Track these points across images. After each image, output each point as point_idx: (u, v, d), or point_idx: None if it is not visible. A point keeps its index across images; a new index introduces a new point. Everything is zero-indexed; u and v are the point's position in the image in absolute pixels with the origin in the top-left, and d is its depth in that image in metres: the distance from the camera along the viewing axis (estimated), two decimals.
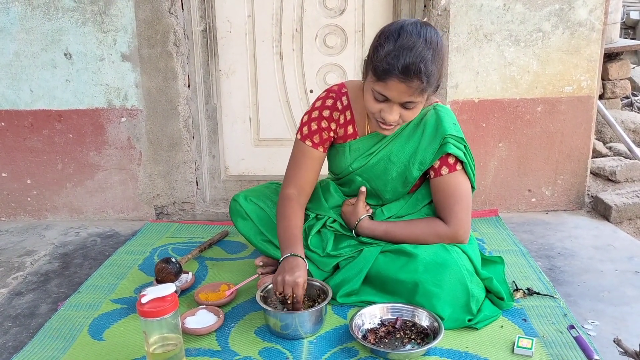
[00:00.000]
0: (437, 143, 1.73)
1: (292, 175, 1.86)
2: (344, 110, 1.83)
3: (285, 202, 1.83)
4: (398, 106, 1.62)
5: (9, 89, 2.55)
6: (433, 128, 1.75)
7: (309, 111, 1.86)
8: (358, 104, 1.82)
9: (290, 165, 1.88)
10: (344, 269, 1.81)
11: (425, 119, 1.77)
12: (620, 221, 2.54)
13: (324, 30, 2.64)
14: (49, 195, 2.68)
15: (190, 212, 2.69)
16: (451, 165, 1.74)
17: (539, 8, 2.42)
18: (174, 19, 2.46)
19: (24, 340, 1.71)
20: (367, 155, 1.83)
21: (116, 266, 2.16)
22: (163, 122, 2.57)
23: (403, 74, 1.53)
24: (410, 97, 1.58)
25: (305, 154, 1.85)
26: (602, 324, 1.72)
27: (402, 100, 1.60)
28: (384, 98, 1.61)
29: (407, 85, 1.55)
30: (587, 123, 2.55)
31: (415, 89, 1.56)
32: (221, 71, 2.67)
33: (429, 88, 1.59)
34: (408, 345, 1.57)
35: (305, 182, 1.86)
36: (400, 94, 1.57)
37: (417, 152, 1.76)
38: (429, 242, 1.75)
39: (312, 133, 1.83)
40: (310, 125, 1.84)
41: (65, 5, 2.45)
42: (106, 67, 2.51)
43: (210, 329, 1.66)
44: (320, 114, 1.83)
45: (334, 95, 1.84)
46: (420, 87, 1.56)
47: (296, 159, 1.87)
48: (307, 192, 1.87)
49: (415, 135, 1.78)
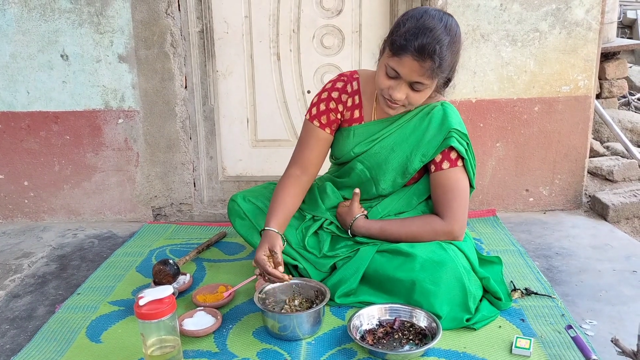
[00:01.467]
0: (441, 136, 1.75)
1: (297, 154, 1.89)
2: (352, 94, 1.85)
3: (283, 180, 1.86)
4: (407, 85, 1.64)
5: (6, 90, 2.55)
6: (439, 122, 1.77)
7: (319, 92, 1.89)
8: (367, 90, 1.85)
9: (297, 145, 1.91)
10: (341, 269, 1.81)
11: (432, 113, 1.79)
12: (617, 220, 2.55)
13: (321, 31, 2.64)
14: (46, 197, 2.68)
15: (188, 213, 2.69)
16: (453, 160, 1.76)
17: (536, 8, 2.42)
18: (170, 20, 2.45)
19: (22, 342, 1.70)
20: (371, 141, 1.84)
21: (114, 268, 2.15)
22: (160, 123, 2.56)
23: (418, 52, 1.56)
24: (420, 77, 1.61)
25: (312, 134, 1.87)
26: (600, 324, 1.72)
27: (412, 79, 1.62)
28: (395, 74, 1.63)
29: (420, 64, 1.58)
30: (584, 123, 2.56)
31: (427, 70, 1.58)
32: (218, 72, 2.67)
33: (440, 73, 1.62)
34: (406, 346, 1.57)
35: (309, 162, 1.87)
36: (411, 71, 1.60)
37: (421, 143, 1.78)
38: (424, 238, 1.76)
39: (320, 114, 1.85)
40: (319, 105, 1.86)
41: (62, 6, 2.44)
42: (103, 68, 2.51)
43: (208, 331, 1.65)
44: (329, 95, 1.86)
45: (345, 78, 1.87)
46: (432, 68, 1.58)
47: (303, 138, 1.89)
48: (310, 172, 1.88)
49: (420, 127, 1.79)
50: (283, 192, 1.82)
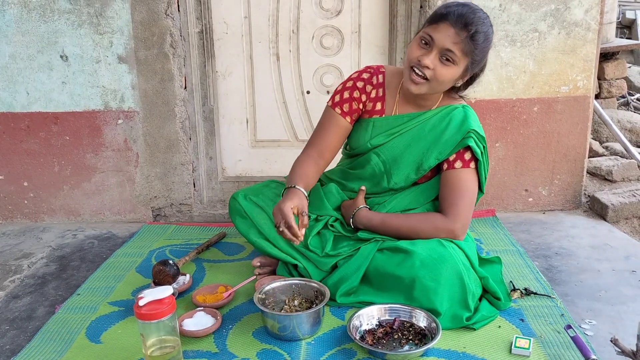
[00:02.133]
0: (459, 135, 1.77)
1: (315, 138, 1.91)
2: (377, 87, 1.88)
3: (302, 157, 1.88)
4: (437, 55, 1.66)
5: (5, 91, 2.55)
6: (459, 122, 1.79)
7: (344, 81, 1.91)
8: (392, 85, 1.88)
9: (316, 130, 1.93)
10: (342, 267, 1.81)
11: (453, 114, 1.81)
12: (617, 220, 2.55)
13: (321, 31, 2.64)
14: (46, 197, 2.68)
15: (188, 213, 2.69)
16: (466, 161, 1.78)
17: (535, 8, 2.43)
18: (170, 21, 2.45)
19: (22, 343, 1.70)
20: (389, 134, 1.86)
21: (113, 268, 2.15)
22: (160, 123, 2.57)
23: (457, 20, 1.62)
24: (453, 45, 1.63)
25: (332, 120, 1.89)
26: (599, 324, 1.72)
27: (445, 45, 1.63)
28: (429, 40, 1.66)
29: (456, 31, 1.62)
30: (583, 123, 2.56)
31: (461, 41, 1.62)
32: (218, 72, 2.67)
33: (470, 53, 1.65)
34: (406, 346, 1.57)
35: (326, 146, 1.89)
36: (445, 37, 1.63)
37: (439, 141, 1.80)
38: (425, 234, 1.76)
39: (343, 101, 1.87)
40: (343, 93, 1.88)
41: (61, 7, 2.44)
42: (102, 69, 2.51)
43: (208, 331, 1.65)
44: (354, 84, 1.88)
45: (371, 70, 1.90)
46: (466, 40, 1.62)
47: (322, 124, 1.91)
48: (326, 158, 1.90)
49: (440, 126, 1.81)
50: (304, 164, 1.85)
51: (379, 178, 1.90)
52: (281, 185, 2.03)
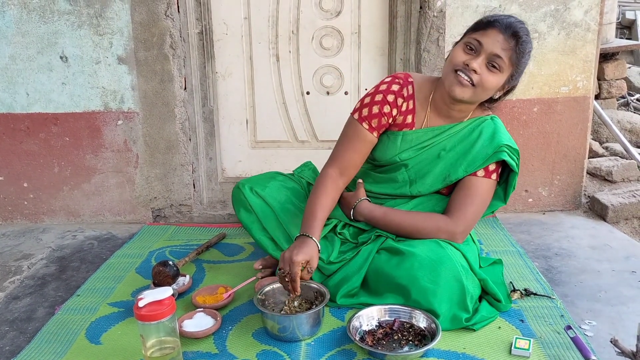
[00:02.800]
0: (491, 149, 1.74)
1: (340, 155, 1.83)
2: (408, 99, 1.81)
3: (323, 179, 1.81)
4: (485, 61, 1.65)
5: (5, 92, 2.55)
6: (490, 135, 1.77)
7: (371, 93, 1.81)
8: (421, 96, 1.82)
9: (340, 144, 1.85)
10: (343, 268, 1.80)
11: (482, 125, 1.79)
12: (616, 221, 2.55)
13: (320, 32, 2.64)
14: (46, 198, 2.68)
15: (188, 214, 2.69)
16: (489, 172, 1.76)
17: (535, 9, 2.43)
18: (170, 22, 2.45)
19: (21, 344, 1.70)
20: (419, 148, 1.82)
21: (113, 269, 2.15)
22: (160, 124, 2.56)
23: (506, 28, 1.62)
24: (502, 52, 1.62)
25: (360, 136, 1.81)
26: (599, 324, 1.72)
27: (494, 50, 1.62)
28: (477, 45, 1.64)
29: (505, 37, 1.62)
30: (583, 123, 2.56)
31: (510, 48, 1.62)
32: (218, 73, 2.67)
33: (515, 62, 1.65)
34: (406, 347, 1.57)
35: (350, 164, 1.83)
36: (495, 42, 1.62)
37: (469, 153, 1.77)
38: (426, 233, 1.75)
39: (372, 116, 1.79)
40: (372, 108, 1.79)
41: (61, 8, 2.44)
42: (102, 70, 2.51)
43: (208, 332, 1.65)
44: (384, 98, 1.79)
45: (400, 82, 1.82)
46: (514, 48, 1.62)
47: (348, 139, 1.83)
48: (349, 174, 1.85)
49: (470, 138, 1.79)
50: (325, 195, 1.78)
51: (402, 185, 1.86)
52: (286, 179, 2.02)
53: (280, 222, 1.89)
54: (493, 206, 1.85)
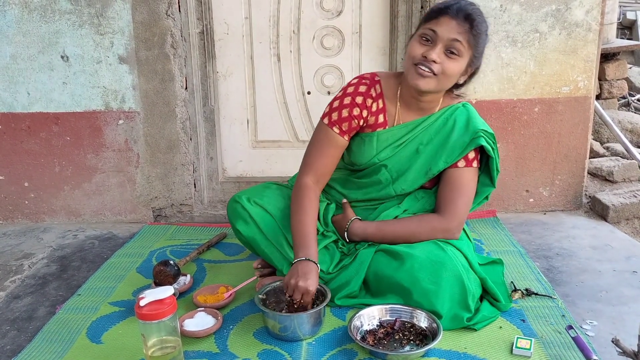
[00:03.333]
0: (468, 137, 1.75)
1: (313, 162, 1.81)
2: (377, 98, 1.79)
3: (302, 192, 1.78)
4: (442, 49, 1.64)
5: (6, 91, 2.55)
6: (464, 122, 1.77)
7: (339, 96, 1.80)
8: (389, 94, 1.81)
9: (312, 151, 1.82)
10: (342, 273, 1.80)
11: (455, 114, 1.79)
12: (617, 221, 2.55)
13: (321, 32, 2.64)
14: (47, 198, 2.68)
15: (188, 214, 2.69)
16: (469, 160, 1.77)
17: (536, 9, 2.43)
18: (171, 21, 2.45)
19: (22, 343, 1.70)
20: (396, 146, 1.81)
21: (114, 269, 2.15)
22: (160, 124, 2.56)
23: (457, 12, 1.62)
24: (458, 36, 1.62)
25: (331, 140, 1.79)
26: (600, 324, 1.72)
27: (450, 36, 1.62)
28: (432, 35, 1.63)
29: (457, 22, 1.62)
30: (584, 123, 2.56)
31: (465, 31, 1.62)
32: (219, 73, 2.67)
33: (474, 45, 1.65)
34: (407, 347, 1.57)
35: (325, 170, 1.81)
36: (450, 29, 1.62)
37: (447, 144, 1.77)
38: (422, 236, 1.75)
39: (342, 120, 1.77)
40: (341, 111, 1.77)
41: (62, 7, 2.44)
42: (103, 69, 2.51)
43: (209, 332, 1.65)
44: (352, 100, 1.77)
45: (367, 82, 1.80)
46: (469, 31, 1.62)
47: (320, 145, 1.80)
48: (324, 181, 1.84)
49: (445, 129, 1.79)
50: (310, 209, 1.75)
51: (385, 185, 1.86)
52: (281, 187, 1.99)
53: (281, 229, 1.86)
54: (484, 192, 1.85)
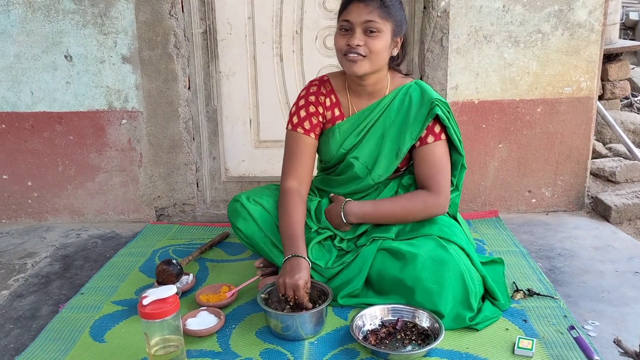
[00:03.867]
0: (425, 108, 1.80)
1: (290, 166, 1.88)
2: (328, 94, 1.90)
3: (286, 197, 1.84)
4: (361, 31, 1.71)
5: (10, 91, 2.56)
6: (419, 96, 1.83)
7: (295, 102, 1.93)
8: (340, 88, 1.91)
9: (286, 157, 1.90)
10: (345, 271, 1.81)
11: (409, 92, 1.86)
12: (620, 222, 2.55)
13: (324, 32, 2.64)
14: (50, 197, 2.68)
15: (191, 213, 2.69)
16: (437, 134, 1.82)
17: (539, 9, 2.43)
18: (174, 21, 2.46)
19: (26, 342, 1.71)
20: (358, 133, 1.88)
21: (117, 268, 2.16)
22: (163, 123, 2.57)
23: None
24: (369, 15, 1.69)
25: (299, 142, 1.88)
26: (602, 325, 1.72)
27: (362, 19, 1.70)
28: (348, 26, 1.72)
29: (365, 4, 1.70)
30: (586, 124, 2.56)
31: (374, 8, 1.69)
32: (221, 73, 2.68)
33: (388, 16, 1.72)
34: (409, 346, 1.57)
35: (303, 171, 1.88)
36: (359, 13, 1.70)
37: (407, 121, 1.82)
38: (417, 212, 1.80)
39: (302, 120, 1.88)
40: (299, 113, 1.89)
41: (66, 7, 2.45)
42: (107, 69, 2.52)
43: (211, 331, 1.66)
44: (307, 101, 1.89)
45: (316, 82, 1.93)
46: (379, 8, 1.69)
47: (291, 149, 1.89)
48: (306, 182, 1.89)
49: (403, 107, 1.84)
50: (295, 211, 1.79)
51: (363, 178, 1.90)
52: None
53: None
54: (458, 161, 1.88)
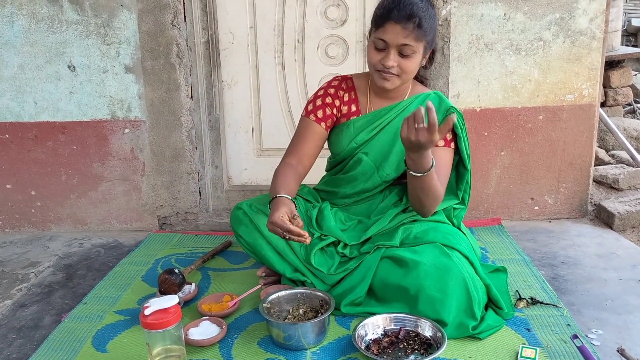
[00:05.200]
0: (440, 115, 1.82)
1: (293, 147, 1.92)
2: (348, 90, 1.95)
3: (281, 167, 1.88)
4: (396, 52, 1.73)
5: (14, 101, 2.57)
6: (437, 104, 1.86)
7: (314, 93, 1.97)
8: (361, 87, 1.96)
9: (293, 139, 1.95)
10: (347, 279, 1.81)
11: (427, 100, 1.83)
12: (623, 229, 2.54)
13: (326, 41, 2.65)
14: (53, 206, 2.69)
15: (194, 222, 2.70)
16: (447, 140, 1.84)
17: (540, 17, 2.43)
18: (176, 31, 2.48)
19: (28, 352, 1.71)
20: (371, 130, 1.91)
21: (119, 277, 2.16)
22: (166, 133, 2.58)
23: (398, 16, 1.69)
24: (405, 39, 1.70)
25: (308, 128, 1.92)
26: (606, 333, 1.71)
27: (398, 42, 1.71)
28: (383, 45, 1.73)
29: (402, 26, 1.69)
30: (589, 131, 2.55)
31: (410, 32, 1.69)
32: (224, 82, 2.69)
33: (423, 36, 1.72)
34: (411, 356, 1.57)
35: (304, 153, 1.90)
36: (396, 35, 1.70)
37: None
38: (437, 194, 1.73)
39: (317, 108, 1.92)
40: (315, 101, 1.94)
41: (69, 18, 2.47)
42: (109, 79, 2.53)
43: (214, 340, 1.66)
44: (326, 92, 1.94)
45: (339, 78, 1.98)
46: (415, 30, 1.69)
47: (299, 132, 1.94)
48: (305, 164, 1.91)
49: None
50: (283, 173, 1.84)
51: (370, 175, 1.93)
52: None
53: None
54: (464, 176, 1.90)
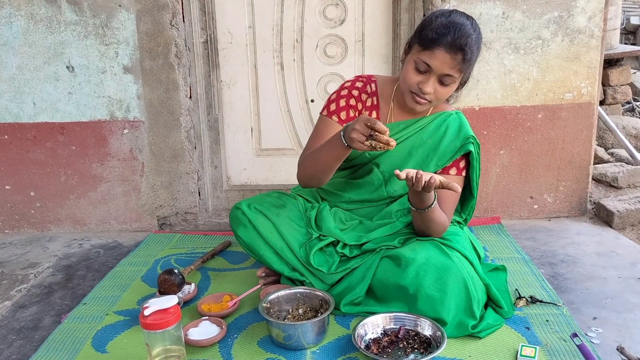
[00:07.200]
0: (459, 142, 1.80)
1: (313, 145, 1.84)
2: (371, 95, 1.89)
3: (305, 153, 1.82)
4: (436, 80, 1.69)
5: (12, 102, 2.57)
6: (456, 128, 1.82)
7: (337, 91, 1.90)
8: (384, 94, 1.89)
9: (312, 137, 1.88)
10: (347, 278, 1.81)
11: (448, 120, 1.84)
12: (622, 227, 2.54)
13: (324, 40, 2.65)
14: (52, 207, 2.69)
15: (193, 222, 2.70)
16: (460, 169, 1.82)
17: (538, 16, 2.43)
18: (175, 31, 2.47)
19: (28, 353, 1.71)
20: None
21: (119, 278, 2.16)
22: (165, 133, 2.58)
23: (451, 45, 1.63)
24: (450, 70, 1.66)
25: (330, 128, 1.84)
26: (606, 332, 1.71)
27: (443, 71, 1.66)
28: (426, 68, 1.67)
29: (451, 56, 1.64)
30: (588, 129, 2.56)
31: (457, 63, 1.65)
32: (222, 82, 2.69)
33: (467, 68, 1.68)
34: (411, 355, 1.57)
35: None
36: (443, 64, 1.65)
37: (438, 148, 1.82)
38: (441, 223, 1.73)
39: (340, 109, 1.86)
40: (339, 102, 1.87)
41: (67, 18, 2.47)
42: (108, 79, 2.53)
43: (213, 341, 1.66)
44: (349, 92, 1.87)
45: (363, 80, 1.91)
46: (462, 62, 1.65)
47: (319, 131, 1.87)
48: None
49: (437, 133, 1.83)
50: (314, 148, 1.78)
51: (377, 187, 1.90)
52: (283, 195, 2.02)
53: (281, 234, 1.88)
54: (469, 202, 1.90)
